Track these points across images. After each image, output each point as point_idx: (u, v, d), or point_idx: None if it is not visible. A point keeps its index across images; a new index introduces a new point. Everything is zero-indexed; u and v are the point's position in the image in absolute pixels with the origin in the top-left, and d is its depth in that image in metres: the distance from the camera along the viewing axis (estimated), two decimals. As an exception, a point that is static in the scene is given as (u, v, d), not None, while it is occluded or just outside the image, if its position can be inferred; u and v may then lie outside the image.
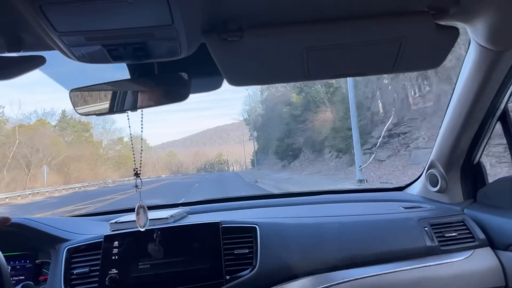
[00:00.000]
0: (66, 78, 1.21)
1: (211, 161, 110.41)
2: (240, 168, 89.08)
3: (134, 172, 1.30)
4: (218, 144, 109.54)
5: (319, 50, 0.99)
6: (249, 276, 1.25)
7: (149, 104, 1.14)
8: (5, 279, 0.93)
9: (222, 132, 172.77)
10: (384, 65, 1.09)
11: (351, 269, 1.32)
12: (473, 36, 1.20)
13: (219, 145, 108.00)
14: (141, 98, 1.17)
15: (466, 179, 1.66)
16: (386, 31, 0.97)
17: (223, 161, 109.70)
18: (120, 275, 1.24)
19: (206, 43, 0.95)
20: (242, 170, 75.65)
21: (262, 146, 47.27)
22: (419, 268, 1.33)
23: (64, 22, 0.74)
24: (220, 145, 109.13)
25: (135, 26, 0.78)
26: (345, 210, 1.67)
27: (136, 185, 1.29)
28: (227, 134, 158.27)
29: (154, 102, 1.13)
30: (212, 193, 16.97)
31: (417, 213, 1.54)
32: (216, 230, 1.33)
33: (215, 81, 1.26)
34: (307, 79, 1.14)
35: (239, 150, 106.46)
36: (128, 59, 0.96)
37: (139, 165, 1.30)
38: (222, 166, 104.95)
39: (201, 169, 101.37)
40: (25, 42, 0.87)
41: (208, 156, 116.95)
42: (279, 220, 1.47)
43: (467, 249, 1.41)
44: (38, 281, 1.38)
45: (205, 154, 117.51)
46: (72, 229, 1.46)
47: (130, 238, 1.31)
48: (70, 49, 0.85)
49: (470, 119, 1.45)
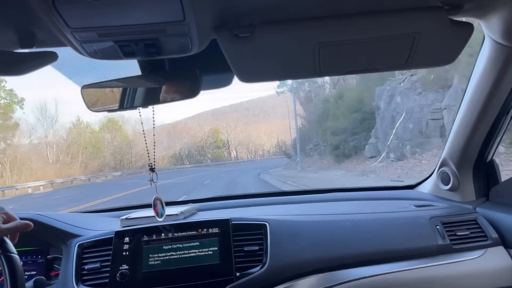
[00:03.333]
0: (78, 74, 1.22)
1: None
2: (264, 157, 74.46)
3: (149, 167, 1.34)
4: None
5: (331, 46, 0.98)
6: (259, 273, 1.25)
7: (159, 101, 1.15)
8: (18, 275, 0.94)
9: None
10: (397, 61, 1.08)
11: (361, 267, 1.31)
12: (487, 31, 1.18)
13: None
14: (152, 94, 1.17)
15: (479, 177, 1.64)
16: (399, 27, 0.96)
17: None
18: (131, 271, 1.24)
19: (217, 39, 0.95)
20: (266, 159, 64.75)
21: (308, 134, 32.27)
22: (430, 266, 1.32)
23: (77, 18, 0.74)
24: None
25: (147, 22, 0.78)
26: (355, 208, 1.66)
27: (152, 179, 1.33)
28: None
29: (165, 99, 1.14)
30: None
31: (429, 211, 1.53)
32: (226, 227, 1.33)
33: (225, 77, 1.26)
34: (318, 75, 1.13)
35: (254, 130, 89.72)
36: (139, 55, 0.96)
37: (153, 160, 1.32)
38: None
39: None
40: (38, 38, 0.88)
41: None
42: (289, 217, 1.47)
43: (479, 248, 1.39)
44: (49, 276, 1.40)
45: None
46: (83, 225, 1.48)
47: (141, 234, 1.32)
48: (82, 45, 0.86)
49: (484, 116, 1.43)
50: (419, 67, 1.15)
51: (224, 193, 13.46)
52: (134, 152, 55.10)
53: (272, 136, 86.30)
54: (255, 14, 0.91)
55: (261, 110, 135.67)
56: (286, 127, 49.05)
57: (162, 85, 1.13)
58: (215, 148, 77.59)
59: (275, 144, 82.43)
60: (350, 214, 1.53)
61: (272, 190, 11.05)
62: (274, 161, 46.62)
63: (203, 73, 1.10)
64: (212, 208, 1.76)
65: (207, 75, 1.15)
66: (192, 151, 75.29)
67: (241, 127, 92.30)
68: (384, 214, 1.52)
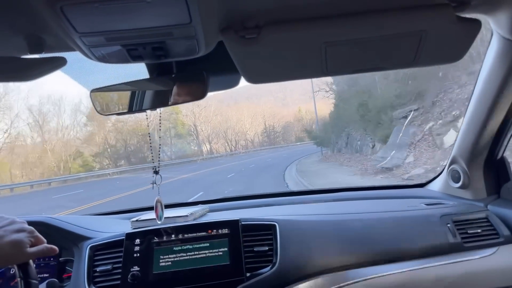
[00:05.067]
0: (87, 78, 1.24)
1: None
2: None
3: (153, 170, 1.36)
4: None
5: (337, 45, 0.98)
6: (269, 273, 1.25)
7: (167, 103, 1.15)
8: (30, 269, 0.96)
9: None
10: (404, 59, 1.08)
11: (372, 266, 1.31)
12: (495, 28, 1.17)
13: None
14: (160, 97, 1.18)
15: (489, 174, 1.62)
16: (406, 25, 0.95)
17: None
18: (142, 272, 1.25)
19: (224, 40, 0.95)
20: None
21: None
22: (442, 265, 1.31)
23: (84, 23, 0.75)
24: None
25: (154, 26, 0.79)
26: (365, 207, 1.65)
27: (155, 182, 1.34)
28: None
29: (172, 101, 1.14)
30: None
31: (439, 209, 1.52)
32: (236, 228, 1.33)
33: (233, 79, 1.27)
34: (326, 75, 1.13)
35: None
36: (147, 58, 0.97)
37: (158, 161, 1.33)
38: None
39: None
40: (46, 44, 0.89)
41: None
42: (298, 217, 1.47)
43: (491, 245, 1.38)
44: (62, 278, 1.41)
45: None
46: (94, 227, 1.49)
47: (151, 235, 1.33)
48: (91, 49, 0.87)
49: (494, 113, 1.41)
50: (426, 65, 1.14)
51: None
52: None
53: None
54: (261, 15, 0.92)
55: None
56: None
57: (170, 87, 1.14)
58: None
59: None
60: (360, 213, 1.53)
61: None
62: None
63: (210, 75, 1.10)
64: (221, 209, 1.77)
65: (214, 76, 1.16)
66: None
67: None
68: (394, 212, 1.51)
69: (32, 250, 0.94)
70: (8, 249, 0.89)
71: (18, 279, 0.95)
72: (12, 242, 0.90)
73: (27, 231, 0.95)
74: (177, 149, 53.74)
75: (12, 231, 0.92)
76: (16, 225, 0.95)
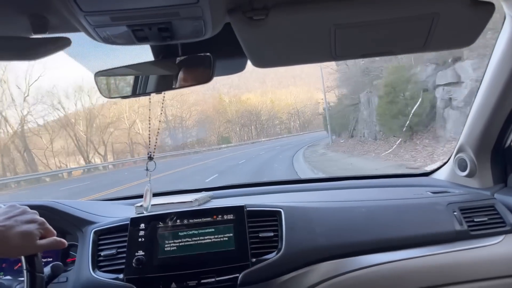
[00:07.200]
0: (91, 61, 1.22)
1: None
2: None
3: (148, 155, 1.34)
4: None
5: (347, 28, 0.96)
6: (274, 259, 1.25)
7: (172, 87, 1.14)
8: (37, 261, 0.95)
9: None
10: (414, 43, 1.05)
11: (378, 253, 1.30)
12: (509, 11, 1.15)
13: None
14: (165, 80, 1.17)
15: (497, 163, 1.60)
16: (418, 8, 0.93)
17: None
18: (147, 257, 1.25)
19: (231, 22, 0.93)
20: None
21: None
22: (448, 253, 1.30)
23: (89, 1, 0.73)
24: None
25: (160, 5, 0.77)
26: (371, 195, 1.64)
27: (147, 168, 1.33)
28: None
29: (178, 84, 1.13)
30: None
31: (446, 197, 1.50)
32: (241, 213, 1.32)
33: (239, 62, 1.25)
34: (334, 59, 1.11)
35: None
36: (153, 40, 0.95)
37: (154, 148, 1.32)
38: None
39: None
40: (50, 24, 0.87)
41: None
42: (303, 204, 1.46)
43: (497, 234, 1.37)
44: (65, 263, 1.41)
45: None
46: (99, 212, 1.49)
47: (156, 220, 1.33)
48: (96, 30, 0.85)
49: (503, 100, 1.39)
50: (437, 50, 1.11)
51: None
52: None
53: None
54: None
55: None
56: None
57: (175, 70, 1.12)
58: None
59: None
60: (366, 200, 1.52)
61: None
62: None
63: (217, 58, 1.08)
64: (225, 196, 1.76)
65: (220, 60, 1.14)
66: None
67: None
68: (400, 200, 1.50)
69: (41, 243, 0.92)
70: (18, 240, 0.87)
71: (24, 271, 0.94)
72: (23, 233, 0.88)
73: (38, 223, 0.92)
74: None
75: (23, 222, 0.90)
76: (27, 215, 0.92)
